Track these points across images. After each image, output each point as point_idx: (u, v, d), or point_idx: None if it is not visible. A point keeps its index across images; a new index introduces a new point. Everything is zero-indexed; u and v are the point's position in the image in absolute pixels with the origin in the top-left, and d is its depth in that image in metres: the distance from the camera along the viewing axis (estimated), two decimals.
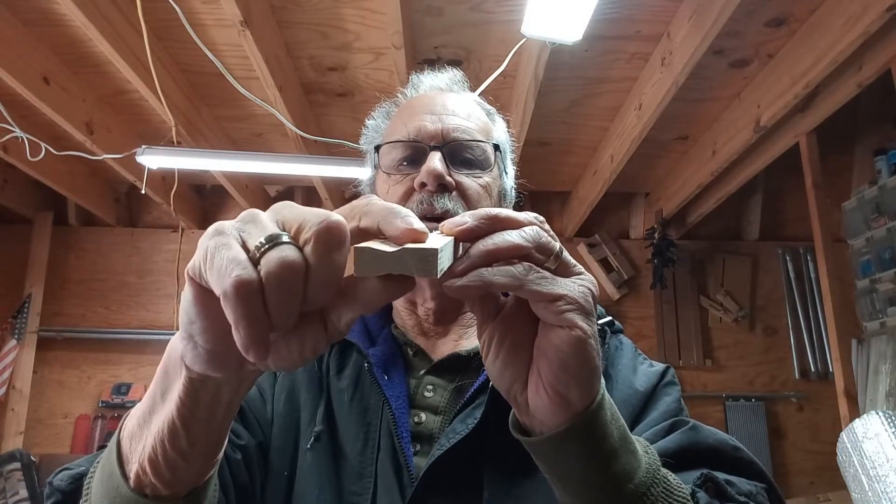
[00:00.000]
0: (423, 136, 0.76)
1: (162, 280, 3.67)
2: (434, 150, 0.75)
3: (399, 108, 0.86)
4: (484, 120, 0.83)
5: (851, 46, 1.87)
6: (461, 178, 0.75)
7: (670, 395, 0.71)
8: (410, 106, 0.83)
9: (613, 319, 0.79)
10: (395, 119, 0.83)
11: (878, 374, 2.83)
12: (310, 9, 2.07)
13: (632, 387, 0.71)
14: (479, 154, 0.78)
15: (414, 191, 0.74)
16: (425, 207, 0.72)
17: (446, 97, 0.82)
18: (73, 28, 2.18)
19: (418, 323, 0.80)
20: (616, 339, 0.79)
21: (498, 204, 0.80)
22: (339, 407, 0.73)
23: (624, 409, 0.66)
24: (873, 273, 2.83)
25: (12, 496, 3.08)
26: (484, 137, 0.79)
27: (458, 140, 0.77)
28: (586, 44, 2.11)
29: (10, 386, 3.42)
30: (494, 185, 0.79)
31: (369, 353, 0.74)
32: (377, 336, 0.79)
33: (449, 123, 0.77)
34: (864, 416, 1.96)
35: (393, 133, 0.81)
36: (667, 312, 3.64)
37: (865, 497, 1.83)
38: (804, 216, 2.96)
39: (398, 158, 0.78)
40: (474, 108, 0.83)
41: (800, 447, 3.51)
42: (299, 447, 0.72)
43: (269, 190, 3.76)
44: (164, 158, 2.38)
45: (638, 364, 0.76)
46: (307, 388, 0.76)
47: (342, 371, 0.77)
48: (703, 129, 2.88)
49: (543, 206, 3.81)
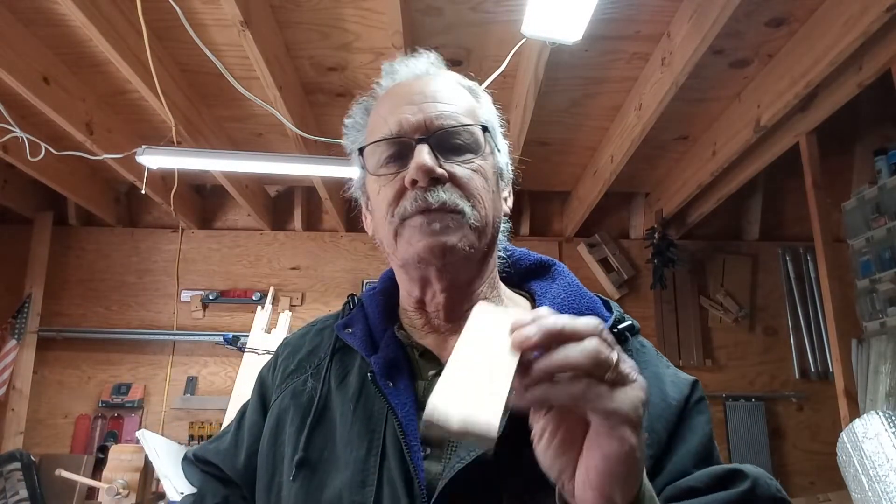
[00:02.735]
0: (406, 129, 0.72)
1: (162, 280, 3.67)
2: (420, 144, 0.71)
3: (377, 100, 0.81)
4: (468, 100, 0.78)
5: (851, 46, 1.87)
6: (452, 166, 0.72)
7: (703, 413, 0.71)
8: (389, 98, 0.78)
9: (633, 323, 0.77)
10: (374, 115, 0.79)
11: (878, 374, 2.82)
12: (310, 9, 2.07)
13: (665, 400, 0.70)
14: (467, 138, 0.74)
15: (406, 189, 0.71)
16: (420, 203, 0.69)
17: (425, 82, 0.78)
18: (73, 28, 2.18)
19: (428, 321, 0.77)
20: (637, 342, 0.77)
21: (495, 184, 0.77)
22: (341, 418, 0.72)
23: (659, 423, 0.68)
24: (873, 273, 2.83)
25: (12, 496, 3.08)
26: (470, 119, 0.75)
27: (444, 128, 0.72)
28: (586, 44, 2.11)
29: (10, 386, 3.42)
30: (488, 166, 0.76)
31: (371, 361, 0.72)
32: (380, 339, 0.77)
33: (431, 111, 0.73)
34: (864, 416, 1.96)
35: (375, 131, 0.77)
36: (667, 312, 3.64)
37: (865, 497, 1.83)
38: (804, 216, 2.96)
39: (384, 157, 0.74)
40: (456, 89, 0.79)
41: (800, 447, 3.51)
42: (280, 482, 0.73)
43: (269, 190, 3.76)
44: (164, 158, 2.38)
45: (663, 369, 0.75)
46: (292, 419, 0.75)
47: (345, 379, 0.76)
48: (703, 129, 2.88)
49: (543, 206, 3.81)
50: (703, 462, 0.67)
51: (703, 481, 0.63)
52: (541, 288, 0.81)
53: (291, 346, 0.86)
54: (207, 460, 0.85)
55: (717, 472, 0.64)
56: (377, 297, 0.83)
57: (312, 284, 3.70)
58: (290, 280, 3.70)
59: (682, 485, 0.63)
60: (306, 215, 3.76)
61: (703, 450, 0.68)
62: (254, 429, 0.81)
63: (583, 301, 0.76)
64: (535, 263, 0.85)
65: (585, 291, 0.78)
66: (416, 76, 0.80)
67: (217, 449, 0.85)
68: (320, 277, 3.71)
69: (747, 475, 0.63)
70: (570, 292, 0.77)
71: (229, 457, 0.82)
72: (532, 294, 0.82)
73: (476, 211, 0.71)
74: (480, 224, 0.72)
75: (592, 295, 0.79)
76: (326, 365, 0.77)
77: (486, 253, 0.76)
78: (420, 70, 0.81)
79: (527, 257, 0.86)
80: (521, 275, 0.85)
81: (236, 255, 3.73)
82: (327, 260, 3.73)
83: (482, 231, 0.72)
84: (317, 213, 3.82)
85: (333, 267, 3.72)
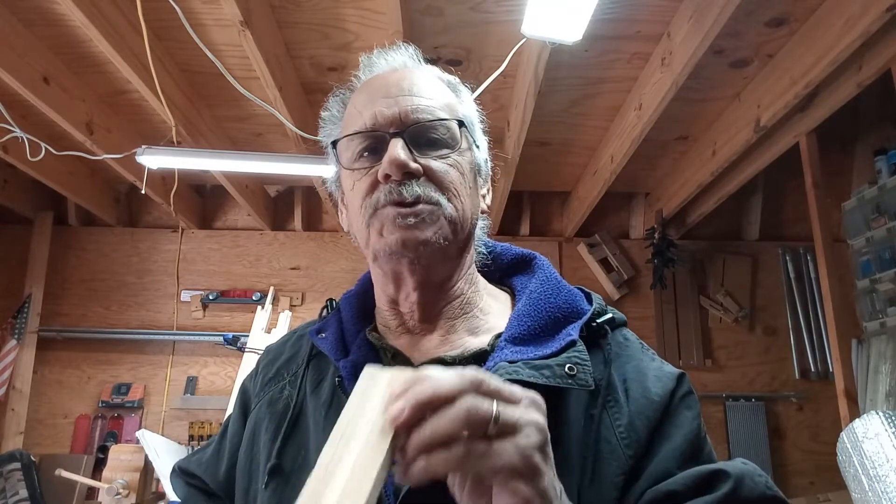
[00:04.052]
0: (380, 123, 0.71)
1: (162, 280, 3.67)
2: (395, 137, 0.69)
3: (353, 93, 0.79)
4: (446, 94, 0.77)
5: (851, 46, 1.87)
6: (427, 161, 0.70)
7: (691, 409, 0.69)
8: (364, 90, 0.77)
9: (614, 316, 0.75)
10: (350, 107, 0.78)
11: (878, 374, 2.82)
12: (310, 9, 2.07)
13: (647, 396, 0.68)
14: (443, 133, 0.72)
15: (379, 183, 0.70)
16: (394, 197, 0.68)
17: (401, 75, 0.76)
18: (73, 28, 2.18)
19: (402, 322, 0.76)
20: (620, 335, 0.75)
21: (472, 180, 0.75)
22: (314, 424, 0.71)
23: (640, 421, 0.66)
24: (873, 273, 2.83)
25: (12, 496, 3.08)
26: (447, 113, 0.74)
27: (419, 122, 0.71)
28: (586, 44, 2.11)
29: (10, 386, 3.42)
30: (464, 161, 0.74)
31: (340, 366, 0.71)
32: (352, 342, 0.75)
33: (407, 105, 0.71)
34: (864, 416, 1.96)
35: (350, 124, 0.75)
36: (667, 312, 3.63)
37: (865, 497, 1.83)
38: (804, 216, 2.96)
39: (358, 151, 0.73)
40: (434, 83, 0.77)
41: (800, 447, 3.51)
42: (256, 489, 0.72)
43: (269, 190, 3.76)
44: (164, 158, 2.38)
45: (647, 363, 0.72)
46: (266, 427, 0.75)
47: (320, 385, 0.75)
48: (703, 129, 2.88)
49: (543, 206, 3.81)
50: (690, 461, 0.64)
51: (684, 484, 0.61)
52: (520, 283, 0.80)
53: (272, 355, 0.85)
54: (191, 472, 0.85)
55: (699, 473, 0.62)
56: (353, 300, 0.82)
57: (312, 284, 3.70)
58: (290, 280, 3.70)
59: (662, 488, 0.61)
60: (306, 215, 3.76)
61: (690, 448, 0.65)
62: (234, 439, 0.81)
63: (560, 295, 0.75)
64: (516, 258, 0.84)
65: (564, 284, 0.77)
66: (393, 69, 0.78)
67: (200, 460, 0.85)
68: (320, 277, 3.71)
69: (730, 475, 0.60)
70: (546, 286, 0.75)
71: (211, 468, 0.82)
72: (513, 289, 0.82)
73: (451, 204, 0.70)
74: (456, 217, 0.71)
75: (572, 287, 0.77)
76: (302, 372, 0.76)
77: (462, 249, 0.75)
78: (398, 63, 0.79)
79: (508, 252, 0.85)
80: (502, 269, 0.85)
81: (236, 255, 3.73)
82: (327, 260, 3.73)
83: (458, 225, 0.71)
84: (317, 213, 3.82)
85: (333, 267, 3.72)
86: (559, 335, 0.70)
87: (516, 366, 0.64)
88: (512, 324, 0.72)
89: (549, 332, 0.71)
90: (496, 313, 0.78)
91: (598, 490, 0.63)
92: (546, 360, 0.66)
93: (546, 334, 0.71)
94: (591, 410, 0.66)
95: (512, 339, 0.69)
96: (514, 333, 0.70)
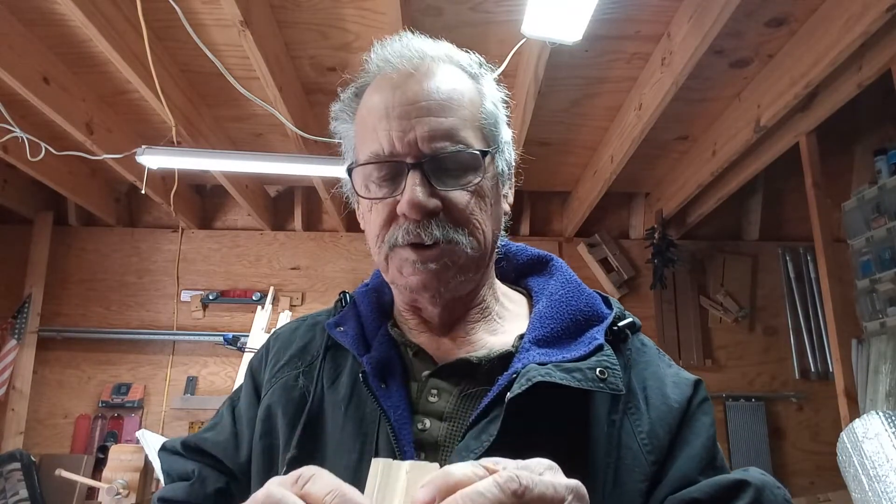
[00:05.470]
0: (398, 150, 0.67)
1: (162, 280, 3.67)
2: (413, 170, 0.66)
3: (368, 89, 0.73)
4: (468, 96, 0.71)
5: (851, 46, 1.87)
6: (448, 194, 0.67)
7: (707, 415, 0.70)
8: (379, 92, 0.71)
9: (634, 320, 0.75)
10: (361, 110, 0.73)
11: (878, 374, 2.82)
12: (310, 9, 2.07)
13: (666, 402, 0.68)
14: (465, 159, 0.68)
15: (397, 215, 0.67)
16: (412, 239, 0.67)
17: (419, 84, 0.69)
18: (73, 28, 2.18)
19: (422, 321, 0.76)
20: (637, 340, 0.75)
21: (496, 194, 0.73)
22: (332, 420, 0.71)
23: (661, 428, 0.66)
24: (873, 273, 2.83)
25: (12, 496, 3.08)
26: (471, 129, 0.69)
27: (438, 153, 0.66)
28: (586, 44, 2.11)
29: (10, 386, 3.42)
30: (488, 178, 0.71)
31: (364, 361, 0.70)
32: (373, 337, 0.74)
33: (425, 129, 0.66)
34: (864, 416, 1.96)
35: (362, 134, 0.71)
36: (667, 312, 3.63)
37: (865, 497, 1.83)
38: (804, 216, 2.96)
39: (375, 177, 0.69)
40: (455, 86, 0.70)
41: (800, 447, 3.51)
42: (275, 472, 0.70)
43: (269, 190, 3.76)
44: (164, 158, 2.38)
45: (665, 369, 0.73)
46: (283, 411, 0.74)
47: (337, 380, 0.74)
48: (703, 129, 2.88)
49: (543, 206, 3.82)
50: (708, 466, 0.65)
51: (707, 492, 0.62)
52: (538, 284, 0.80)
53: (282, 340, 0.83)
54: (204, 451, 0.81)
55: (721, 482, 0.62)
56: (370, 294, 0.81)
57: (312, 284, 3.70)
58: (290, 280, 3.70)
59: (685, 496, 0.62)
60: (306, 215, 3.76)
61: (707, 454, 0.66)
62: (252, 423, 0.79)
63: (581, 297, 0.74)
64: (532, 259, 0.83)
65: (584, 288, 0.77)
66: (409, 72, 0.70)
67: (215, 441, 0.81)
68: (320, 277, 3.71)
69: (752, 485, 0.61)
70: (567, 289, 0.75)
71: (231, 450, 0.79)
72: (529, 291, 0.81)
73: (473, 238, 0.69)
74: (478, 249, 0.69)
75: (591, 291, 0.77)
76: (319, 364, 0.75)
77: (485, 266, 0.75)
78: (415, 55, 0.72)
79: (523, 252, 0.84)
80: (517, 270, 0.84)
81: (236, 255, 3.73)
82: (327, 260, 3.73)
83: (479, 257, 0.71)
84: (317, 213, 3.82)
85: (333, 267, 3.71)
86: (582, 338, 0.70)
87: (547, 368, 0.64)
88: (534, 325, 0.71)
89: (571, 335, 0.71)
90: (513, 314, 0.78)
91: (621, 496, 0.63)
92: (576, 363, 0.66)
93: (568, 337, 0.70)
94: (613, 416, 0.67)
95: (536, 340, 0.69)
96: (538, 335, 0.70)
